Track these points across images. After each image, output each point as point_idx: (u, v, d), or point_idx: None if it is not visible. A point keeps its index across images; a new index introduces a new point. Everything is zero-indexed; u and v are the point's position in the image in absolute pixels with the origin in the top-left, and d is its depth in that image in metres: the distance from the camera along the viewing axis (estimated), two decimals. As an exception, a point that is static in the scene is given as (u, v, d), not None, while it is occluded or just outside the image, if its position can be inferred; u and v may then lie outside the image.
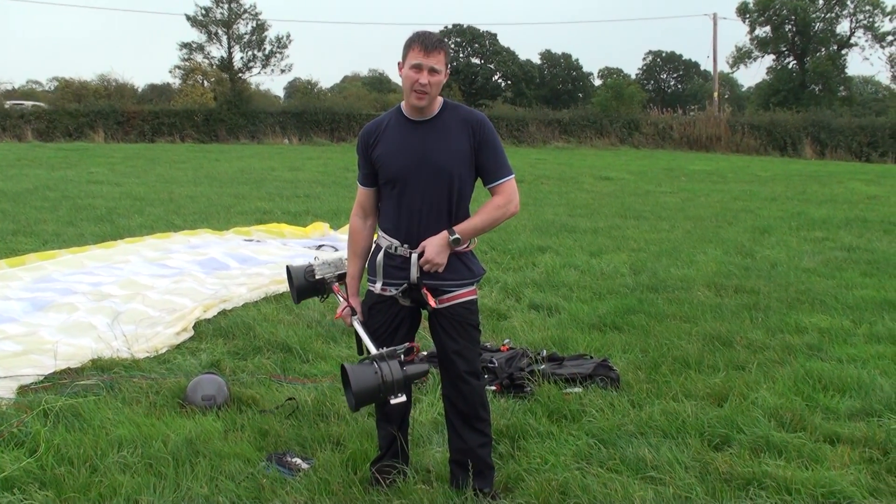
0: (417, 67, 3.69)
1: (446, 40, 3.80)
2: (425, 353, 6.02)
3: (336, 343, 6.57)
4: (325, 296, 4.25)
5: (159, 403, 5.11)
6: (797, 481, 4.07)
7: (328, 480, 4.07)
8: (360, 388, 3.44)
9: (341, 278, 4.15)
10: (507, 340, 6.36)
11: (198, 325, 6.97)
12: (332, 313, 7.38)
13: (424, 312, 4.03)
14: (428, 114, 3.83)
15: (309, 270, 4.15)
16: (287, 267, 4.29)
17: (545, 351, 6.05)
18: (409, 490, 3.97)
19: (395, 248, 3.87)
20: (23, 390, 5.33)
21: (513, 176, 3.90)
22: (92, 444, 4.41)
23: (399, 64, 3.78)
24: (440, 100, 3.86)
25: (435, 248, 3.78)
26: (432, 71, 3.70)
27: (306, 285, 4.17)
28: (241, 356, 6.25)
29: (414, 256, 3.82)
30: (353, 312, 3.99)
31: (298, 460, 4.35)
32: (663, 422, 4.84)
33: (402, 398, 3.50)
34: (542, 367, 5.68)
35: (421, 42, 3.69)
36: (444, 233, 3.79)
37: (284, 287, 8.26)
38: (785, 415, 4.93)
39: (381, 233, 3.96)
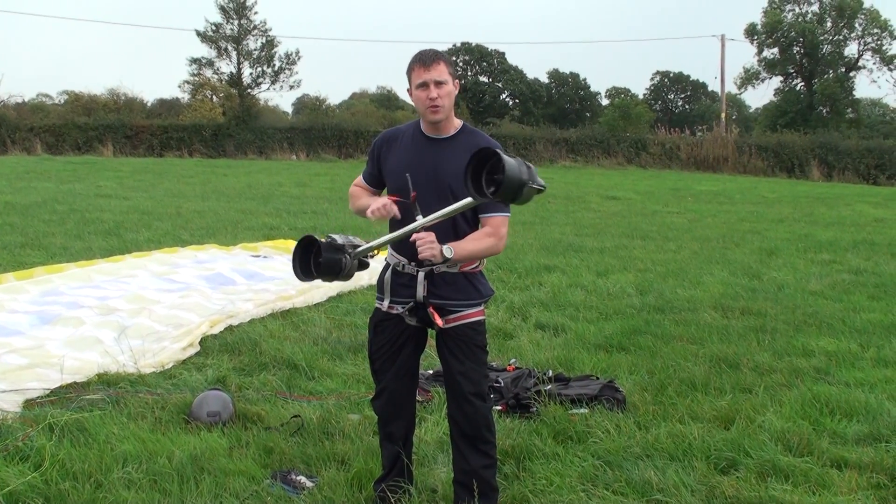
0: (423, 85, 3.74)
1: (444, 52, 3.87)
2: (431, 371, 6.03)
3: (342, 360, 6.56)
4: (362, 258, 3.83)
5: (165, 419, 5.10)
6: (804, 506, 4.05)
7: (333, 499, 4.06)
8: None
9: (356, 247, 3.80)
10: (513, 360, 6.35)
11: (204, 341, 6.97)
12: (338, 330, 7.39)
13: (431, 332, 4.02)
14: (444, 132, 3.85)
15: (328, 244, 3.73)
16: (297, 271, 3.80)
17: (551, 371, 6.04)
18: (414, 510, 3.96)
19: (403, 265, 3.87)
20: (28, 404, 5.32)
21: (507, 215, 3.83)
22: (97, 460, 4.40)
23: (408, 90, 3.83)
24: (459, 122, 3.87)
25: (432, 236, 3.63)
26: (438, 83, 3.73)
27: (338, 261, 3.71)
28: (247, 372, 6.25)
29: (421, 275, 3.83)
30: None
31: (303, 478, 4.33)
32: (669, 444, 4.82)
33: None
34: (548, 387, 5.66)
35: (419, 60, 3.76)
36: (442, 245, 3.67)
37: (290, 303, 8.26)
38: (792, 439, 4.90)
39: (389, 250, 3.97)
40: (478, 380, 3.95)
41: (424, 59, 3.76)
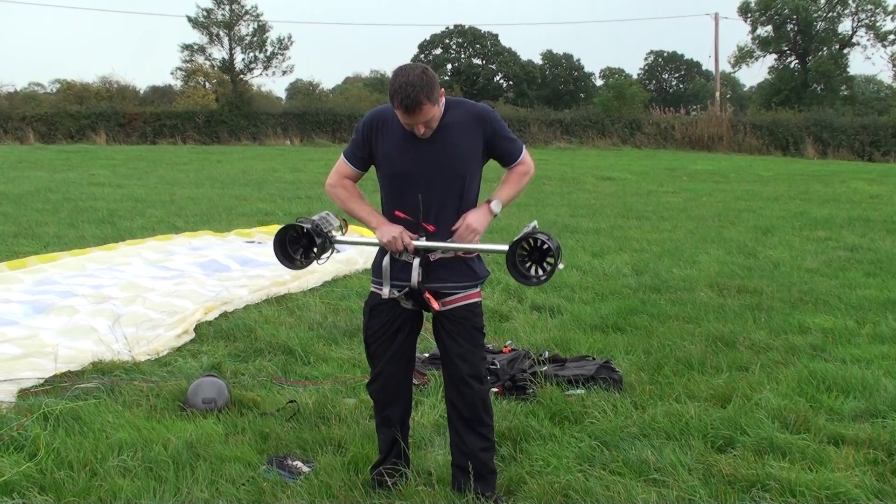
0: (409, 125, 3.68)
1: (430, 82, 3.56)
2: (427, 354, 6.01)
3: (337, 345, 6.54)
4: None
5: (160, 406, 5.09)
6: (801, 483, 4.05)
7: (329, 484, 4.05)
8: None
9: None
10: (509, 342, 6.34)
11: (199, 328, 6.94)
12: (334, 315, 7.37)
13: (428, 315, 4.00)
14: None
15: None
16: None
17: (547, 352, 6.03)
18: (411, 492, 3.95)
19: (400, 254, 3.84)
20: (23, 394, 5.31)
21: (524, 145, 4.00)
22: (92, 448, 4.39)
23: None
24: (442, 100, 3.77)
25: (477, 217, 3.83)
26: (424, 122, 3.66)
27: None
28: (242, 358, 6.23)
29: (416, 262, 3.80)
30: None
31: (299, 463, 4.32)
32: (666, 423, 4.81)
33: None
34: (545, 368, 5.65)
35: (402, 105, 3.56)
36: (485, 205, 3.87)
37: (285, 289, 8.24)
38: (789, 416, 4.90)
39: None
40: (475, 362, 3.94)
41: (407, 107, 3.56)
